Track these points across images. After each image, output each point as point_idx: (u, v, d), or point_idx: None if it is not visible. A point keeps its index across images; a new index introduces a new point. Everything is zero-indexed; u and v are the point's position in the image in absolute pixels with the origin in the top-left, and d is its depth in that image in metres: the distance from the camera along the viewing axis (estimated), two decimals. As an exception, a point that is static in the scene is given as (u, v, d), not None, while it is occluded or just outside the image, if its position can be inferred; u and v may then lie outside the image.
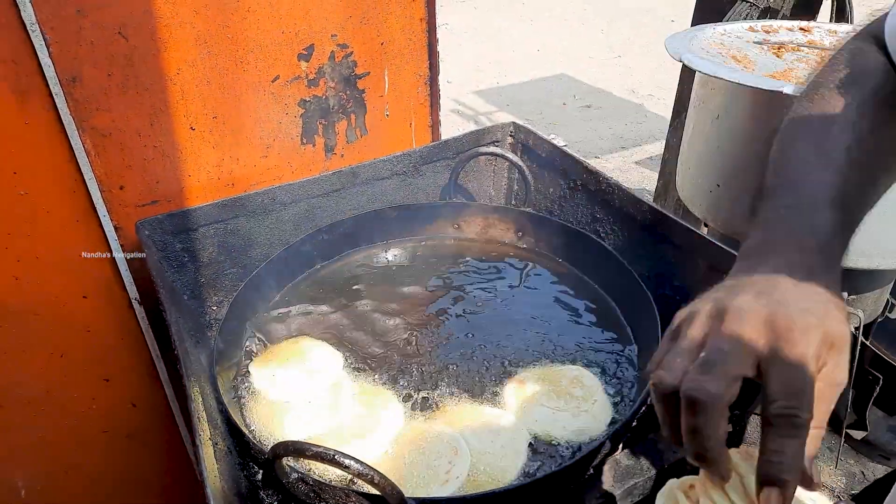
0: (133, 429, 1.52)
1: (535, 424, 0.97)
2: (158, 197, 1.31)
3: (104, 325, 1.37)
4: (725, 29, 1.66)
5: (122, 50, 1.15)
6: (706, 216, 1.52)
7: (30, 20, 1.05)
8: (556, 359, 1.11)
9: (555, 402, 1.00)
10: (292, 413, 0.99)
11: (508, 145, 1.55)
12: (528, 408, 0.99)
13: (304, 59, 1.34)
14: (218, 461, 0.83)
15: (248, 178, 1.40)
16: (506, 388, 1.04)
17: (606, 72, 5.91)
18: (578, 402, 1.00)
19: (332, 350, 1.13)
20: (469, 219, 1.46)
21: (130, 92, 1.19)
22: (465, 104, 5.26)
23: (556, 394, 1.01)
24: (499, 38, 6.87)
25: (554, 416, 0.98)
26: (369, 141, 1.52)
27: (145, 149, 1.25)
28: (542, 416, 0.98)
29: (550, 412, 0.98)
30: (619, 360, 1.11)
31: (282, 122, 1.38)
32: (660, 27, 6.75)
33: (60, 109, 1.13)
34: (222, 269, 1.34)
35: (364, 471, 0.72)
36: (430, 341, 1.16)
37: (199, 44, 1.22)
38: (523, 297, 1.28)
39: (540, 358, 1.11)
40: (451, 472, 0.85)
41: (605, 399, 1.02)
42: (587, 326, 1.19)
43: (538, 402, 1.00)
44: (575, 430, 0.96)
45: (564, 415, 0.98)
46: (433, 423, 0.97)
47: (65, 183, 1.20)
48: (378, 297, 1.27)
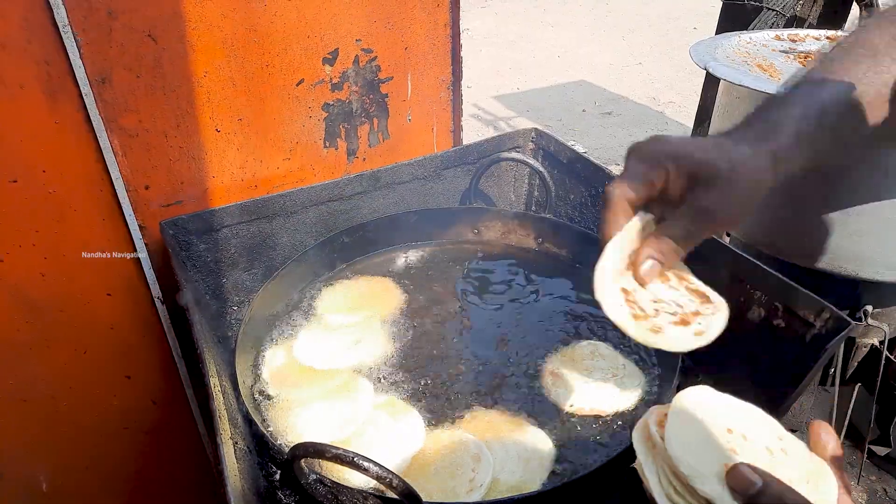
0: (152, 426, 1.53)
1: (583, 404, 1.00)
2: (182, 197, 1.32)
3: (127, 322, 1.38)
4: (751, 37, 1.65)
5: (151, 52, 1.17)
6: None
7: (62, 22, 1.07)
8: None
9: (589, 378, 1.04)
10: (310, 415, 1.00)
11: (530, 151, 1.55)
12: (569, 393, 1.02)
13: (329, 63, 1.35)
14: (238, 460, 0.83)
15: (270, 181, 1.41)
16: (544, 382, 1.06)
17: (627, 79, 5.89)
18: (608, 372, 1.05)
19: (352, 355, 1.13)
20: (489, 224, 1.46)
21: (158, 93, 1.21)
22: (485, 109, 5.27)
23: (585, 371, 1.06)
24: (519, 44, 6.88)
25: (598, 390, 1.02)
26: (391, 145, 1.53)
27: (171, 150, 1.27)
28: (586, 394, 1.01)
29: (595, 388, 1.02)
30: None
31: (305, 126, 1.39)
32: (681, 35, 6.72)
33: (90, 110, 1.15)
34: (243, 269, 1.35)
35: (383, 474, 0.72)
36: (449, 347, 1.16)
37: (226, 47, 1.23)
38: (544, 303, 1.28)
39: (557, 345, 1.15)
40: (474, 479, 0.84)
41: (629, 362, 1.08)
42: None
43: (576, 383, 1.03)
44: (618, 398, 1.01)
45: (608, 386, 1.02)
46: (455, 430, 0.97)
47: (92, 182, 1.21)
48: (396, 301, 1.27)
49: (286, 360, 1.12)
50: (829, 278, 1.42)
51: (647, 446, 0.63)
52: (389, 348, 1.15)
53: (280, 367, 1.11)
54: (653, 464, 0.61)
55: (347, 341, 1.15)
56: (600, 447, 0.95)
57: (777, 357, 1.01)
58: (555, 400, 1.02)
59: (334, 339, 1.16)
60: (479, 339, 1.18)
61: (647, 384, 1.05)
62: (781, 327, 1.01)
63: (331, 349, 1.14)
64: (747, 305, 1.06)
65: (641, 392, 1.03)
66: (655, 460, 0.61)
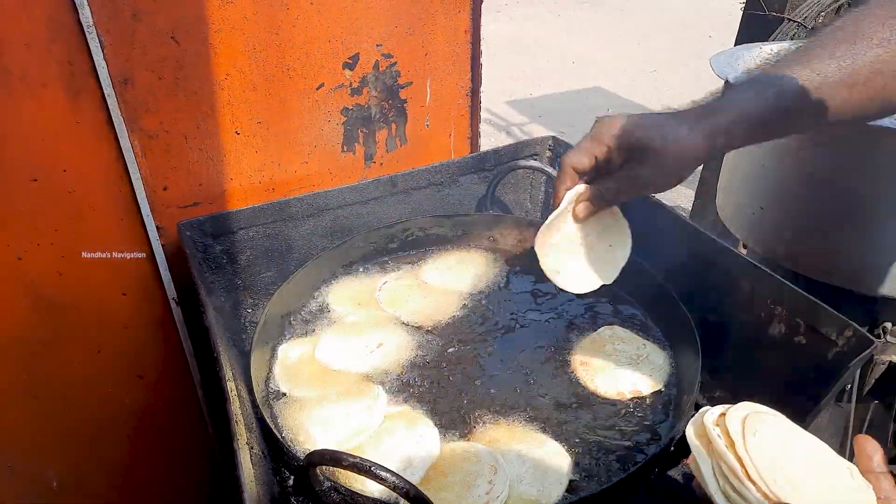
0: (163, 426, 1.53)
1: (623, 389, 1.04)
2: (200, 199, 1.32)
3: (141, 322, 1.39)
4: (772, 49, 1.64)
5: (174, 54, 1.17)
6: (748, 239, 1.50)
7: (87, 22, 1.08)
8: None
9: (617, 362, 1.08)
10: (324, 420, 0.99)
11: (547, 159, 1.55)
12: (605, 379, 1.06)
13: (349, 68, 1.35)
14: (254, 466, 0.83)
15: (288, 184, 1.41)
16: (577, 374, 1.09)
17: (641, 85, 5.87)
18: (633, 353, 1.10)
19: (369, 360, 1.12)
20: (504, 231, 1.46)
21: (179, 95, 1.21)
22: (498, 114, 5.27)
23: (612, 355, 1.10)
24: (534, 49, 6.87)
25: (633, 371, 1.06)
26: (408, 150, 1.53)
27: (191, 151, 1.27)
28: (625, 378, 1.05)
29: (630, 371, 1.06)
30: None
31: (324, 130, 1.39)
32: (696, 42, 6.70)
33: (111, 110, 1.15)
34: (259, 272, 1.35)
35: (400, 484, 0.72)
36: (464, 357, 1.15)
37: (247, 50, 1.24)
38: (563, 308, 1.27)
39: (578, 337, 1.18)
40: (491, 492, 0.83)
41: (649, 341, 1.14)
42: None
43: (608, 368, 1.07)
44: (655, 377, 1.06)
45: (641, 366, 1.07)
46: (471, 441, 0.96)
47: (111, 182, 1.22)
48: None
49: (302, 360, 1.12)
50: (846, 294, 1.41)
51: (703, 442, 0.67)
52: (406, 354, 1.14)
53: (296, 367, 1.10)
54: (708, 459, 0.65)
55: (364, 345, 1.15)
56: (617, 454, 0.94)
57: (797, 373, 1.00)
58: (593, 388, 1.06)
59: (351, 342, 1.15)
60: (493, 348, 1.17)
61: (669, 364, 1.10)
62: (802, 344, 1.00)
63: (348, 352, 1.13)
64: (768, 321, 1.05)
65: (667, 373, 1.08)
66: (712, 457, 0.65)
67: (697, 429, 0.68)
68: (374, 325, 1.20)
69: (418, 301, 1.27)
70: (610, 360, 1.09)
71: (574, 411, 1.03)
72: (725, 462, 0.63)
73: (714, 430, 0.66)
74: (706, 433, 0.66)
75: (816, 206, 1.34)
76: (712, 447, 0.65)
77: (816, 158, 1.32)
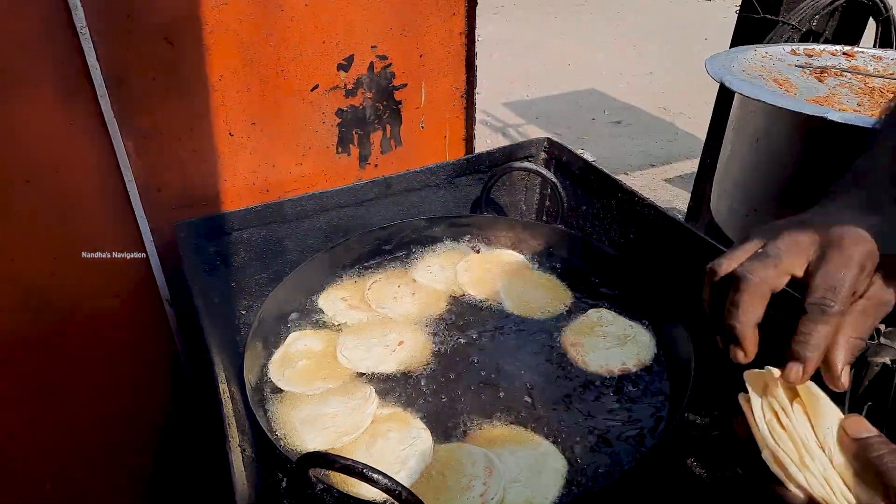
0: (158, 429, 1.53)
1: (612, 366, 1.08)
2: (194, 200, 1.32)
3: (134, 323, 1.38)
4: (767, 51, 1.64)
5: (167, 55, 1.17)
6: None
7: (80, 23, 1.07)
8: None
9: (606, 342, 1.13)
10: (316, 419, 0.99)
11: (542, 161, 1.55)
12: (596, 357, 1.10)
13: (344, 69, 1.35)
14: (245, 468, 0.83)
15: (282, 185, 1.41)
16: (570, 355, 1.12)
17: (637, 88, 5.88)
18: (621, 335, 1.14)
19: (364, 360, 1.12)
20: (499, 233, 1.45)
21: (173, 96, 1.21)
22: (494, 115, 5.27)
23: (600, 336, 1.14)
24: (530, 51, 6.88)
25: (621, 350, 1.11)
26: (403, 152, 1.53)
27: (184, 152, 1.27)
28: (607, 357, 1.10)
29: (619, 351, 1.10)
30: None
31: (318, 131, 1.39)
32: (693, 45, 6.71)
33: (104, 111, 1.15)
34: (253, 273, 1.35)
35: (393, 486, 0.71)
36: (456, 359, 1.15)
37: (241, 51, 1.23)
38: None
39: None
40: (485, 493, 0.83)
41: (636, 324, 1.17)
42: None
43: (598, 349, 1.12)
44: (641, 356, 1.10)
45: (628, 347, 1.11)
46: (464, 443, 0.95)
47: (105, 183, 1.22)
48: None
49: (296, 360, 1.12)
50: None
51: (759, 385, 0.66)
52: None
53: (288, 368, 1.10)
54: (759, 398, 0.65)
55: (361, 345, 1.15)
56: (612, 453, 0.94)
57: (790, 376, 1.00)
58: (584, 366, 1.10)
59: (349, 341, 1.15)
60: (486, 350, 1.17)
61: (654, 343, 1.14)
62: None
63: (344, 351, 1.13)
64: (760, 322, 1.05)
65: (653, 352, 1.12)
66: (766, 398, 0.65)
67: (756, 378, 0.68)
68: (369, 325, 1.20)
69: (409, 300, 1.27)
70: (599, 340, 1.14)
71: (568, 410, 1.02)
72: (776, 398, 0.64)
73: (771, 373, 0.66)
74: (762, 377, 0.67)
75: (808, 208, 1.34)
76: (767, 390, 0.66)
77: (809, 162, 1.33)
